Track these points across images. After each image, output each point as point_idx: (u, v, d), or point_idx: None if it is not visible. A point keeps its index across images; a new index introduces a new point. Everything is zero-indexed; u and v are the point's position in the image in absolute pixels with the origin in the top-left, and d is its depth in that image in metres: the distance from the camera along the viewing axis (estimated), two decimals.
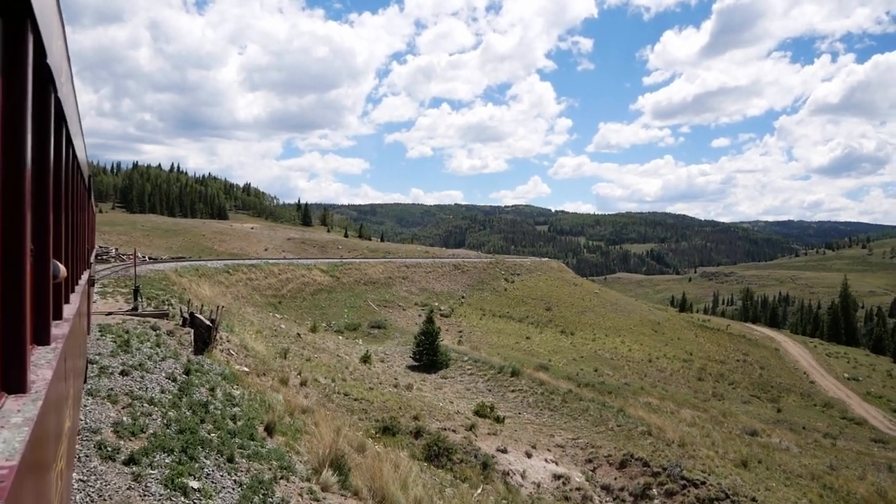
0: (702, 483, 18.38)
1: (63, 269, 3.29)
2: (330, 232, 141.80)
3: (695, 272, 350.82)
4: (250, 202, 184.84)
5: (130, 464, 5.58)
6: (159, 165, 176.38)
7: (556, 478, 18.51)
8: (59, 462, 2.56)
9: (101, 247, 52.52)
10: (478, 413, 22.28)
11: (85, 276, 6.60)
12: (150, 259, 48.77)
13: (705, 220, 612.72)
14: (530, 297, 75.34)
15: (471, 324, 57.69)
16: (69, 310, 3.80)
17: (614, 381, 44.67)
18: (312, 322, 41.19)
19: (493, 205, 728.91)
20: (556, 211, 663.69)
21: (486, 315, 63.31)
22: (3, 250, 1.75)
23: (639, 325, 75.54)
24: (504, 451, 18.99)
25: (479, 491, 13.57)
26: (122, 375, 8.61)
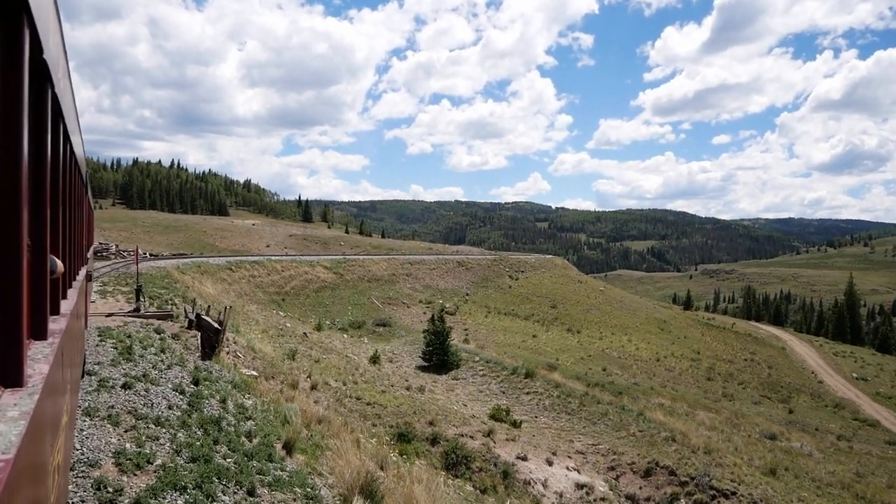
0: (732, 493, 17.50)
1: (60, 264, 3.26)
2: (331, 228, 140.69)
3: (696, 269, 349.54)
4: (251, 198, 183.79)
5: None
6: (159, 162, 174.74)
7: (579, 487, 17.63)
8: (56, 456, 2.55)
9: (101, 243, 51.57)
10: (493, 417, 21.39)
11: (83, 272, 6.57)
12: (152, 256, 47.84)
13: (706, 218, 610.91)
14: (535, 295, 74.42)
15: (476, 322, 56.76)
16: (66, 305, 3.81)
17: (623, 381, 43.81)
18: (317, 320, 40.29)
19: (493, 201, 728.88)
20: (556, 208, 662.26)
21: (491, 313, 62.42)
22: (0, 246, 1.78)
23: (645, 323, 74.62)
24: (524, 459, 18.11)
25: None
26: (125, 389, 7.66)
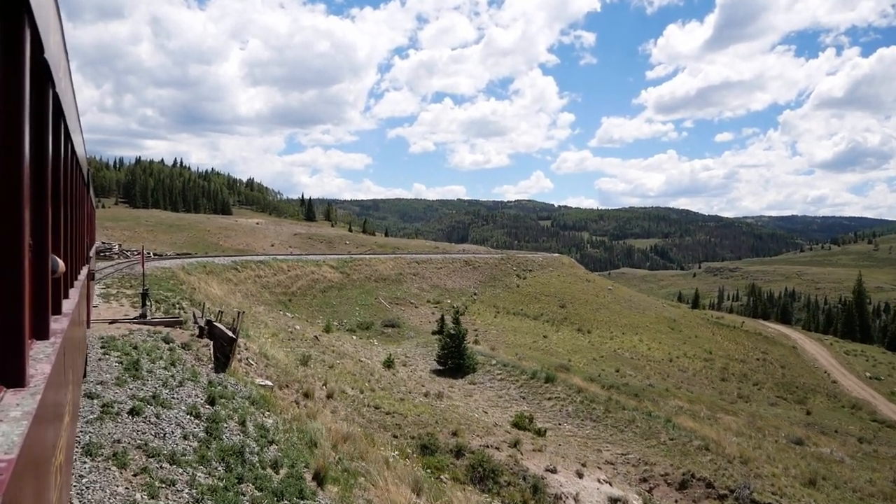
0: None
1: (62, 263, 3.19)
2: (334, 227, 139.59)
3: (699, 267, 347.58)
4: (254, 197, 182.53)
5: None
6: (162, 160, 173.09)
7: (613, 501, 16.58)
8: (58, 456, 2.48)
9: (104, 243, 50.49)
10: (517, 425, 20.35)
11: (84, 271, 6.48)
12: (156, 255, 46.82)
13: (709, 215, 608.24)
14: (543, 294, 73.33)
15: (486, 322, 55.66)
16: (68, 304, 3.78)
17: (638, 383, 42.76)
18: (325, 321, 39.29)
19: (495, 200, 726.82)
20: (559, 206, 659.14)
21: (500, 313, 61.34)
22: (1, 245, 1.76)
23: (655, 322, 73.49)
24: (553, 471, 17.06)
25: None
26: (132, 416, 6.61)
